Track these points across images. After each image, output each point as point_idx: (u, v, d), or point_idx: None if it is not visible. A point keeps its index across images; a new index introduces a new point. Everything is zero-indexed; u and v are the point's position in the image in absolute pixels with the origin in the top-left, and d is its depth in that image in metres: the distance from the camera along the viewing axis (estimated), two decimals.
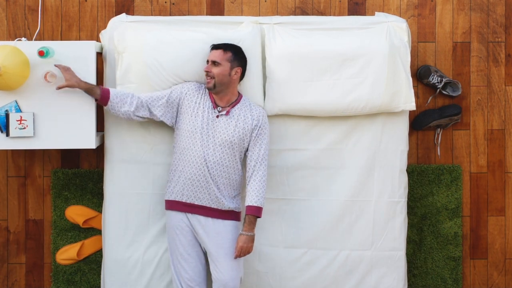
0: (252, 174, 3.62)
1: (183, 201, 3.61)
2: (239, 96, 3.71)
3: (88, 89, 3.63)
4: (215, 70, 3.59)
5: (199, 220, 3.61)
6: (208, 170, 3.58)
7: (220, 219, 3.62)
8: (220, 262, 3.57)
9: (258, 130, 3.66)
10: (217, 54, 3.61)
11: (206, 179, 3.58)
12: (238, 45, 3.72)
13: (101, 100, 3.63)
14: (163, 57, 3.72)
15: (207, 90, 3.69)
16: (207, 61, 3.64)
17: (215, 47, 3.65)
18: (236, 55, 3.64)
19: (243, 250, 3.56)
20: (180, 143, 3.63)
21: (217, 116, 3.62)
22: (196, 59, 3.71)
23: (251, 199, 3.58)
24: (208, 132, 3.60)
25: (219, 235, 3.60)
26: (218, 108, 3.64)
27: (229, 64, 3.62)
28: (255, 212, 3.58)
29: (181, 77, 3.73)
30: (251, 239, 3.57)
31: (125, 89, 3.71)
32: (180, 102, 3.68)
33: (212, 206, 3.61)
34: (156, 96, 3.68)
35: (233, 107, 3.65)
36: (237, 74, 3.64)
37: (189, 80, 3.75)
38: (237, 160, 3.65)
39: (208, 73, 3.61)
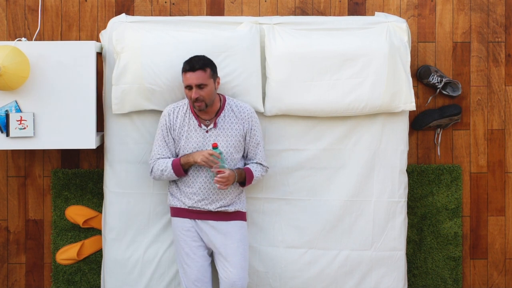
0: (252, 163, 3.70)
1: (191, 208, 3.62)
2: (222, 100, 3.66)
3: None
4: (204, 93, 3.50)
5: (207, 223, 3.62)
6: (211, 182, 3.59)
7: (228, 221, 3.63)
8: (229, 261, 3.57)
9: (251, 132, 3.66)
10: (199, 76, 3.49)
11: (210, 189, 3.60)
12: (238, 45, 3.73)
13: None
14: (160, 58, 3.71)
15: (186, 108, 3.64)
16: (188, 86, 3.51)
17: (191, 69, 3.50)
18: (212, 66, 3.57)
19: (229, 177, 3.49)
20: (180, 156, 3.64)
21: (207, 131, 3.61)
22: None
23: (251, 166, 3.65)
24: (203, 148, 3.60)
25: (227, 235, 3.60)
26: (207, 122, 3.62)
27: (212, 79, 3.55)
28: (249, 174, 3.61)
29: (177, 79, 3.71)
30: (234, 177, 3.53)
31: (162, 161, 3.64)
32: (171, 132, 3.64)
33: (220, 210, 3.61)
34: (162, 149, 3.64)
35: (218, 116, 3.63)
36: (218, 83, 3.61)
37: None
38: (236, 165, 3.65)
39: (197, 99, 3.51)
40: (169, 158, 3.63)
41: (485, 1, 4.20)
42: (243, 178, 3.61)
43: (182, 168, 3.56)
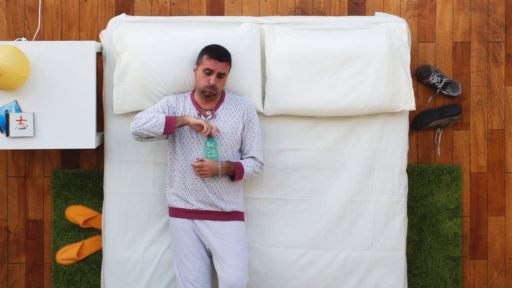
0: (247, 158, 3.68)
1: (188, 208, 3.62)
2: (222, 94, 3.70)
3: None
4: (220, 83, 3.59)
5: (205, 223, 3.62)
6: (210, 182, 3.60)
7: (226, 221, 3.63)
8: (226, 262, 3.57)
9: (249, 123, 3.67)
10: (224, 67, 3.58)
11: (206, 187, 3.60)
12: (238, 45, 3.74)
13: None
14: (161, 58, 3.71)
15: (187, 99, 3.67)
16: (209, 70, 3.56)
17: (218, 58, 3.57)
18: (231, 62, 3.67)
19: (204, 167, 3.51)
20: (177, 153, 3.63)
21: None
22: (194, 60, 3.71)
23: (244, 161, 3.62)
24: (200, 139, 3.60)
25: (224, 235, 3.60)
26: (206, 112, 3.64)
27: (228, 73, 3.66)
28: (239, 169, 3.58)
29: (178, 79, 3.71)
30: (216, 169, 3.53)
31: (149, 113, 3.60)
32: (169, 110, 3.64)
33: (217, 210, 3.61)
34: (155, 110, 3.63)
35: (217, 107, 3.65)
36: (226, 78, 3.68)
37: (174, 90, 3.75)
38: (232, 159, 3.64)
39: (213, 86, 3.56)
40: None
41: (485, 1, 4.20)
42: (232, 172, 3.60)
43: (174, 124, 3.52)
